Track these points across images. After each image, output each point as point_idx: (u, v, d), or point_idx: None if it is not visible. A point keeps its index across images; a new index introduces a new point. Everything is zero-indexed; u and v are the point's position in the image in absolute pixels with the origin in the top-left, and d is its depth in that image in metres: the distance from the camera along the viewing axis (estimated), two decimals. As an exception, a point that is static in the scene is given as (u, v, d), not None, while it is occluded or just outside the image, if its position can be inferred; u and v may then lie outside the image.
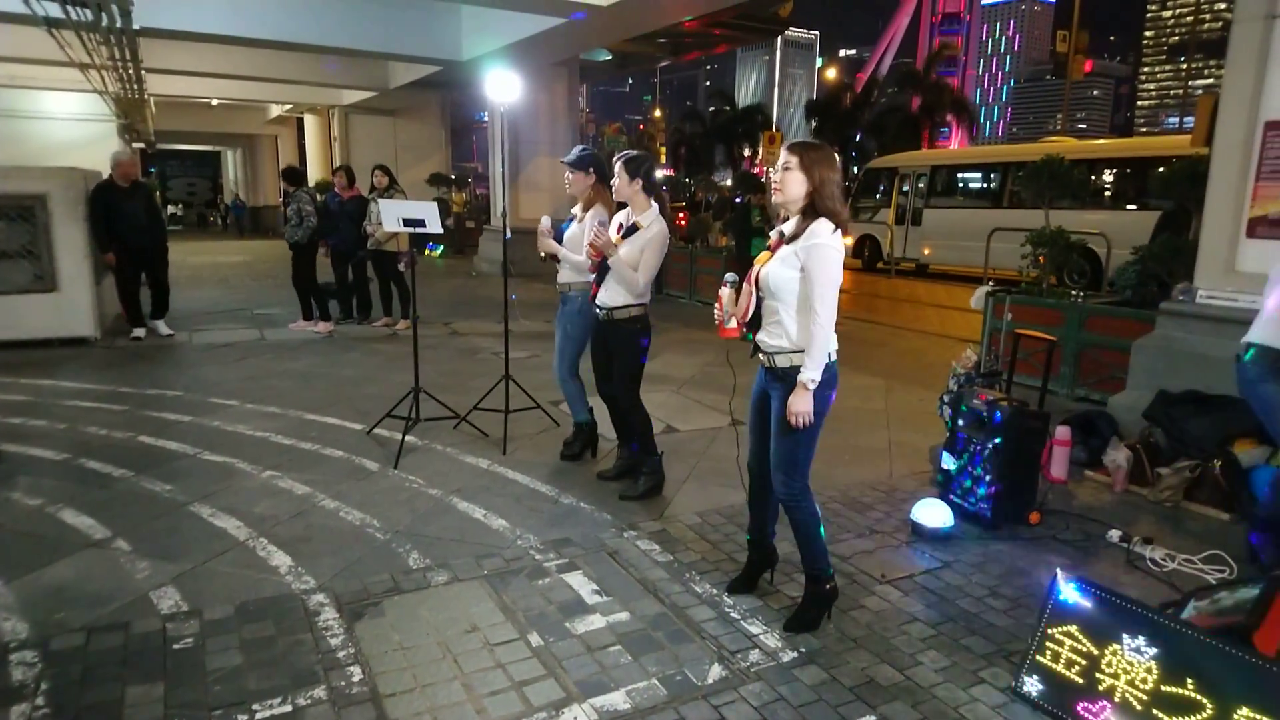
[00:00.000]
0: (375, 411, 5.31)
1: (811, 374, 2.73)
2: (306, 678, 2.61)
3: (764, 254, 2.88)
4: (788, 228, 2.82)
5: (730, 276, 2.98)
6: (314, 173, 25.25)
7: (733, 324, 2.97)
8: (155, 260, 8.27)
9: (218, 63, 16.74)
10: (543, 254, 4.55)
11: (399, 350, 7.77)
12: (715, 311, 3.01)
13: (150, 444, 4.91)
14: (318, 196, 9.25)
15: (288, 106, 25.78)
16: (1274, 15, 4.55)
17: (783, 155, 2.81)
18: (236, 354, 7.61)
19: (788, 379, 2.81)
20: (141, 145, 19.75)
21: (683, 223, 17.54)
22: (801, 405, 2.74)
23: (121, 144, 19.68)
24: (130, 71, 12.45)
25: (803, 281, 2.73)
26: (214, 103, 24.61)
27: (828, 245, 2.69)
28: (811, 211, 2.76)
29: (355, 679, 2.61)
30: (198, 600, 3.08)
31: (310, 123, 26.06)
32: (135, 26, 9.76)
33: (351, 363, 7.34)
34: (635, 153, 4.11)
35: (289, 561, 3.40)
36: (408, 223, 4.73)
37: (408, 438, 4.86)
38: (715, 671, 2.70)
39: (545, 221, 4.54)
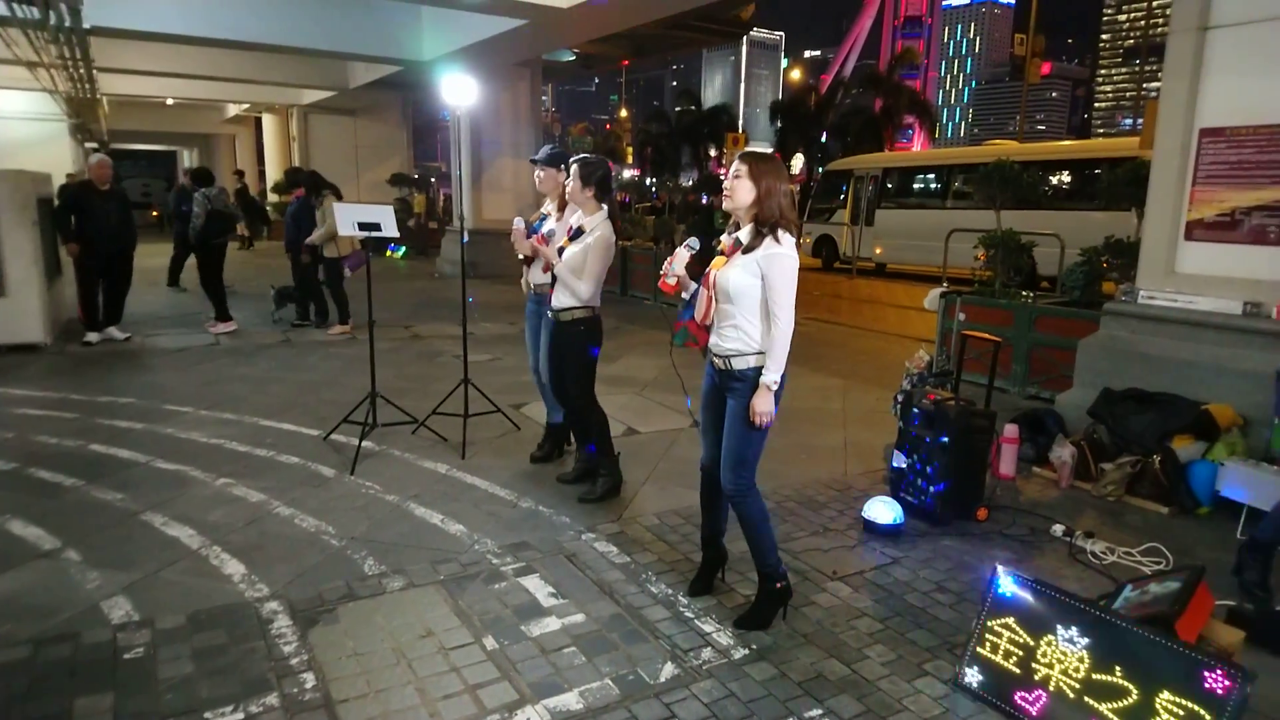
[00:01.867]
0: (332, 417, 5.28)
1: (774, 376, 2.85)
2: (259, 685, 2.61)
3: (718, 259, 2.95)
4: (744, 236, 2.90)
5: (692, 241, 3.04)
6: (272, 173, 24.91)
7: (673, 280, 3.05)
8: (121, 267, 8.11)
9: (172, 62, 16.42)
10: (520, 255, 4.55)
11: (358, 354, 7.71)
12: (665, 264, 3.04)
13: (102, 452, 4.84)
14: (234, 197, 9.20)
15: (245, 106, 25.39)
16: (1206, 27, 4.72)
17: (735, 164, 2.92)
18: (191, 359, 7.50)
19: (746, 380, 2.90)
20: (95, 145, 19.31)
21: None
22: (765, 406, 2.86)
23: (75, 144, 19.28)
24: (81, 70, 12.21)
25: (763, 288, 2.84)
26: (169, 102, 24.14)
27: (785, 255, 2.82)
28: (761, 219, 2.85)
29: (308, 685, 2.61)
30: (149, 610, 3.05)
31: (269, 122, 25.67)
32: (85, 25, 9.58)
33: (309, 367, 7.28)
34: (591, 158, 4.14)
35: (242, 569, 3.39)
36: (363, 226, 4.71)
37: (365, 443, 4.85)
38: (668, 670, 2.75)
39: (519, 222, 4.56)
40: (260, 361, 7.45)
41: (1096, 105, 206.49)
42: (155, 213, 27.14)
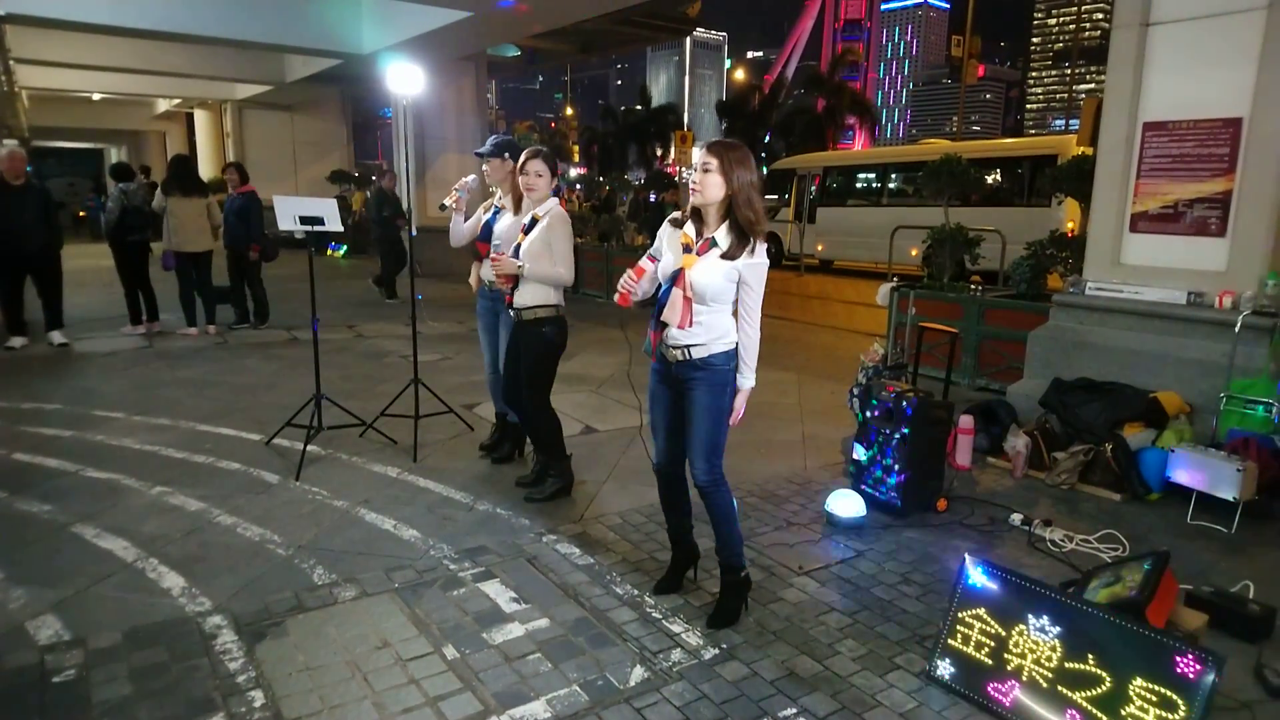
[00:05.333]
0: (274, 421, 5.07)
1: (752, 380, 2.91)
2: (203, 705, 2.45)
3: (688, 256, 2.81)
4: (720, 238, 2.79)
5: (656, 252, 2.93)
6: (206, 171, 24.10)
7: (639, 294, 2.92)
8: (46, 268, 7.60)
9: (97, 54, 15.72)
10: (448, 202, 4.36)
11: (300, 355, 7.44)
12: (629, 280, 2.86)
13: (26, 461, 4.55)
14: (153, 194, 8.82)
15: (176, 101, 24.51)
16: (1148, 23, 4.82)
17: (702, 155, 2.80)
18: (122, 362, 7.15)
19: (710, 368, 2.86)
20: (14, 142, 18.40)
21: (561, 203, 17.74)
22: (743, 407, 2.94)
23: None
24: (-3, 62, 11.59)
25: (738, 290, 2.84)
26: (95, 97, 23.14)
27: (764, 264, 2.84)
28: (733, 219, 2.78)
29: (257, 704, 2.46)
30: (81, 628, 2.85)
31: (201, 118, 24.84)
32: None
33: (248, 370, 7.00)
34: (542, 148, 4.07)
35: (182, 583, 3.19)
36: (305, 221, 4.51)
37: (310, 447, 4.65)
38: (637, 673, 2.67)
39: (471, 179, 4.42)
40: (196, 364, 7.14)
41: (1029, 107, 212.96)
42: (82, 213, 26.04)
